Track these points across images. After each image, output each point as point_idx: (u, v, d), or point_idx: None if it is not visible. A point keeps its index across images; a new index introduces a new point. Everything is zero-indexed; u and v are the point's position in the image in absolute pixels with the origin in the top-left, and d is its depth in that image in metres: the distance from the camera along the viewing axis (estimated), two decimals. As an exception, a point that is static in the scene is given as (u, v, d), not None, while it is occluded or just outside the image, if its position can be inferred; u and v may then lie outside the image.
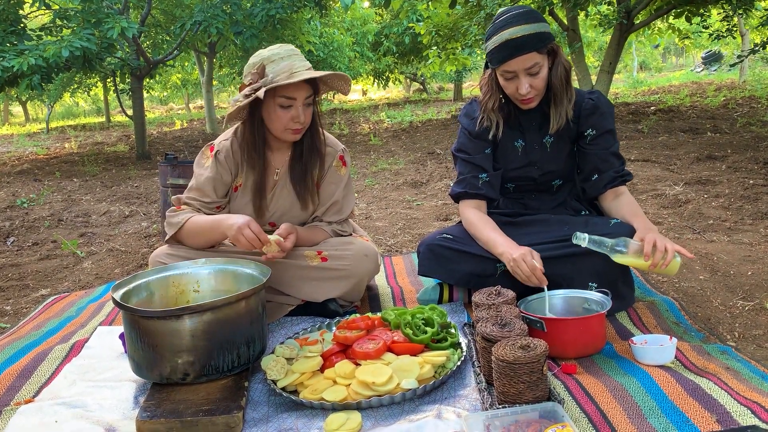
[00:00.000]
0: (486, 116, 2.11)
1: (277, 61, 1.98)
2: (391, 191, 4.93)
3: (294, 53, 2.03)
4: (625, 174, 2.11)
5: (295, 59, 2.01)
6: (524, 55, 1.92)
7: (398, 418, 1.51)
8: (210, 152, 2.18)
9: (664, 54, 32.90)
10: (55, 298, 2.79)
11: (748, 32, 13.39)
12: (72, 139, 12.05)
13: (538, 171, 2.14)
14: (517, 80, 1.97)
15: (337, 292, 2.14)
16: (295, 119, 2.03)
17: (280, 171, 2.20)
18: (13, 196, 5.75)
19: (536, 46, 1.93)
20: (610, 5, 8.22)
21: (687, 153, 5.29)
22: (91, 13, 6.85)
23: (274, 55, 2.00)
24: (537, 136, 2.12)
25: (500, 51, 1.95)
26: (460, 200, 2.18)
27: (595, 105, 2.10)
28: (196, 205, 2.15)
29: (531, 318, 1.73)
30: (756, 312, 2.10)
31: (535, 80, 1.97)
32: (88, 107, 26.78)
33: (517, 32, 1.92)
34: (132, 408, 1.67)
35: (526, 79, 1.96)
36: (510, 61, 1.94)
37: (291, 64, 1.98)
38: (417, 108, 14.34)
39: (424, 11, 9.89)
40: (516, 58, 1.93)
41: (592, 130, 2.09)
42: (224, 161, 2.16)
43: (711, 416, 1.37)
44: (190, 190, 2.19)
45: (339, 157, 2.23)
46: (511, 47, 1.92)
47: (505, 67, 1.96)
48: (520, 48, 1.92)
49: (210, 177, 2.15)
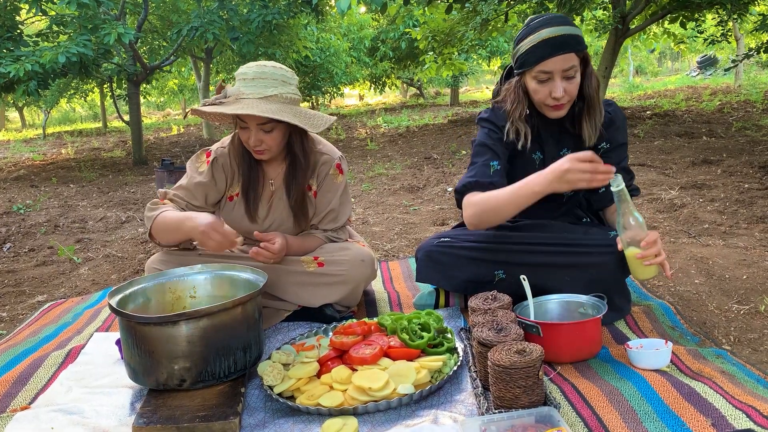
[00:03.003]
0: (513, 127, 2.01)
1: (240, 81, 1.99)
2: (387, 196, 4.94)
3: (261, 77, 1.98)
4: (633, 189, 2.09)
5: (253, 84, 1.96)
6: (564, 54, 1.85)
7: (395, 423, 1.51)
8: (206, 158, 2.18)
9: (660, 58, 33.03)
10: (51, 305, 2.79)
11: (743, 37, 13.47)
12: (69, 145, 12.04)
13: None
14: (551, 83, 1.88)
15: (333, 298, 2.14)
16: (247, 141, 2.03)
17: (275, 182, 2.20)
18: (10, 202, 5.74)
19: (575, 48, 1.86)
20: (605, 10, 8.26)
21: (682, 157, 5.31)
22: (88, 19, 6.86)
23: (242, 74, 2.00)
24: (555, 148, 2.07)
25: (538, 50, 1.86)
26: (466, 194, 1.99)
27: (612, 119, 2.05)
28: (182, 204, 2.12)
29: (527, 323, 1.74)
30: (751, 316, 2.11)
31: (570, 85, 1.89)
32: (84, 113, 26.78)
33: (557, 31, 1.85)
34: (128, 414, 1.66)
35: (562, 83, 1.88)
36: (548, 60, 1.85)
37: (239, 90, 1.97)
38: (414, 113, 14.37)
39: (420, 16, 9.93)
40: (555, 56, 1.84)
41: (606, 143, 2.06)
42: (221, 168, 2.16)
43: (706, 420, 1.38)
44: (179, 187, 2.16)
45: (336, 165, 2.21)
46: (551, 45, 1.84)
47: (541, 66, 1.87)
48: (560, 46, 1.84)
49: (202, 183, 2.14)
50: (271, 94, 1.98)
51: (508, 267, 2.02)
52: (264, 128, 2.00)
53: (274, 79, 1.99)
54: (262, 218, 2.20)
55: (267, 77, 1.99)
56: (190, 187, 2.14)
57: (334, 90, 17.16)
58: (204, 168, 2.16)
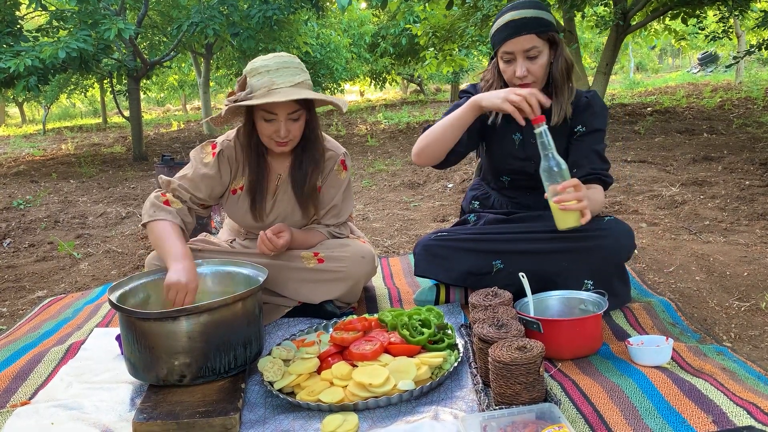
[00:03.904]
0: None
1: (263, 74, 1.94)
2: (388, 192, 4.94)
3: (284, 66, 1.96)
4: (602, 173, 2.06)
5: (280, 74, 1.94)
6: (523, 36, 1.93)
7: (395, 419, 1.51)
8: (212, 149, 2.13)
9: (661, 55, 32.98)
10: (51, 300, 2.79)
11: (744, 33, 13.44)
12: (69, 141, 12.04)
13: (534, 166, 2.12)
14: (515, 63, 1.97)
15: (333, 294, 2.14)
16: (276, 134, 1.99)
17: (282, 176, 2.18)
18: (10, 198, 5.74)
19: (536, 29, 1.94)
20: (606, 6, 8.24)
21: (683, 154, 5.30)
22: (88, 15, 6.85)
23: (261, 66, 1.95)
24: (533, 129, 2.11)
25: (502, 31, 1.97)
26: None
27: (589, 103, 2.10)
28: (185, 196, 2.07)
29: (527, 319, 1.74)
30: (752, 313, 2.11)
31: (533, 65, 1.97)
32: (84, 108, 26.76)
33: (518, 14, 1.95)
34: (128, 410, 1.66)
35: (525, 63, 1.96)
36: (509, 42, 1.95)
37: (271, 81, 1.93)
38: (414, 109, 14.35)
39: (421, 12, 9.89)
40: (515, 38, 1.94)
41: (582, 126, 2.09)
42: (227, 161, 2.13)
43: (707, 417, 1.37)
44: (184, 178, 2.10)
45: (340, 161, 2.21)
46: (511, 27, 1.94)
47: (504, 47, 1.97)
48: (520, 28, 1.93)
49: (208, 175, 2.10)
50: (299, 81, 1.97)
51: (505, 256, 2.04)
52: (292, 117, 1.99)
53: (296, 66, 1.99)
54: (267, 212, 2.19)
55: (290, 66, 1.97)
56: (196, 179, 2.10)
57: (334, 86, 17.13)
58: (210, 159, 2.11)
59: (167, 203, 2.05)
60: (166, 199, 2.06)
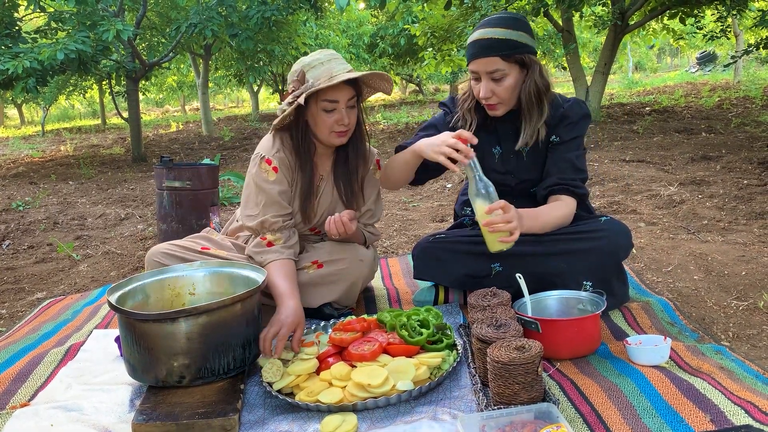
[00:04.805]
0: (462, 114, 2.11)
1: (317, 66, 1.97)
2: (387, 192, 4.94)
3: (334, 57, 2.00)
4: (570, 183, 2.01)
5: (335, 63, 1.98)
6: (485, 58, 1.91)
7: (394, 419, 1.52)
8: (269, 165, 2.09)
9: (659, 54, 33.01)
10: (50, 302, 2.79)
11: (743, 33, 13.45)
12: (67, 142, 12.03)
13: (515, 179, 2.11)
14: (480, 83, 1.96)
15: (331, 297, 2.15)
16: (340, 122, 2.00)
17: (325, 174, 2.19)
18: (9, 199, 5.74)
19: (501, 51, 1.90)
20: (604, 6, 8.26)
21: (682, 153, 5.31)
22: (86, 16, 6.85)
23: (314, 60, 1.98)
24: (513, 144, 2.08)
25: (468, 49, 1.97)
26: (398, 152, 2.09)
27: (564, 114, 2.05)
28: (281, 222, 2.06)
29: (526, 319, 1.74)
30: (750, 312, 2.11)
31: (498, 87, 1.94)
32: (83, 110, 26.76)
33: (486, 34, 1.92)
34: (128, 411, 1.67)
35: (488, 84, 1.94)
36: (474, 61, 1.94)
37: (330, 68, 1.96)
38: (413, 109, 14.36)
39: (419, 13, 9.90)
40: (478, 59, 1.93)
41: (556, 137, 2.06)
42: (286, 170, 2.11)
43: (705, 416, 1.38)
44: (266, 206, 2.06)
45: (376, 161, 2.27)
46: (477, 47, 1.93)
47: (470, 66, 1.96)
48: (485, 50, 1.91)
49: (283, 190, 2.08)
50: (350, 68, 2.01)
51: (504, 259, 2.03)
52: (349, 104, 2.02)
53: (341, 57, 2.03)
54: (315, 213, 2.19)
55: (337, 56, 2.02)
56: (276, 199, 2.07)
57: (333, 86, 17.11)
58: (274, 176, 2.08)
59: (270, 244, 2.05)
60: (267, 241, 2.05)
